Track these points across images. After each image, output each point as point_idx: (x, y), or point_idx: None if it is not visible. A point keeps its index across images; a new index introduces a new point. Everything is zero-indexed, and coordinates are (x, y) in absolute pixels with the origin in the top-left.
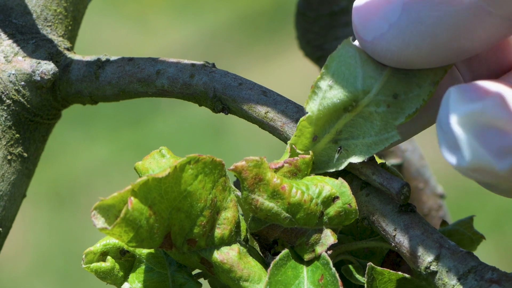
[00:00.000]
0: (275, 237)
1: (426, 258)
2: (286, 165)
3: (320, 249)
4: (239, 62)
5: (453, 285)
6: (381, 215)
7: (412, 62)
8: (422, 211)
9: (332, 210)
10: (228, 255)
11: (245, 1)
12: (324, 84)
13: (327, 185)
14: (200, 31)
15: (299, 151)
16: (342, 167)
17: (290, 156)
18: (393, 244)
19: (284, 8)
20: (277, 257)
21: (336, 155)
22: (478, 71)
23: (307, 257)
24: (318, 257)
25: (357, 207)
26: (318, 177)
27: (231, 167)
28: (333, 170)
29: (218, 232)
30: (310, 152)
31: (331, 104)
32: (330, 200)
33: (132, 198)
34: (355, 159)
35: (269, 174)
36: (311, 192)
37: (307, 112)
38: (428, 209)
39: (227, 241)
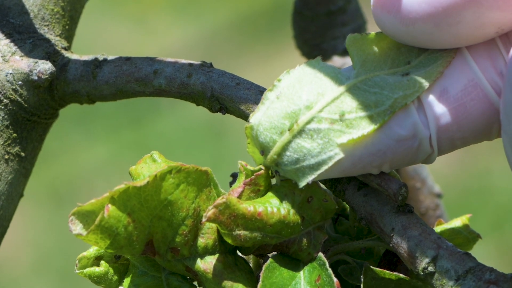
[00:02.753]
0: (268, 252)
1: (424, 259)
2: (246, 187)
3: (314, 251)
4: (239, 62)
5: (451, 286)
6: (379, 216)
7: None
8: (419, 210)
9: (310, 211)
10: (211, 264)
11: (245, 1)
12: (273, 95)
13: (296, 190)
14: (200, 31)
15: (252, 168)
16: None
17: (246, 176)
18: (390, 244)
19: (284, 8)
20: (268, 260)
21: (277, 178)
22: None
23: (305, 260)
24: (314, 258)
25: (333, 199)
26: (285, 184)
27: (204, 219)
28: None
29: (202, 241)
30: (262, 167)
31: (274, 115)
32: (305, 202)
33: (110, 205)
34: (300, 183)
35: (241, 208)
36: (285, 204)
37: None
38: (425, 208)
39: (211, 250)
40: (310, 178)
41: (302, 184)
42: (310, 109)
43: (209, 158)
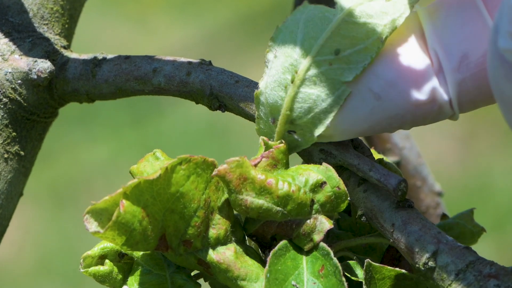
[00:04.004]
0: (271, 233)
1: (424, 254)
2: (263, 159)
3: (317, 237)
4: (239, 62)
5: (452, 281)
6: (379, 211)
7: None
8: (420, 209)
9: (322, 196)
10: (224, 255)
11: (245, 1)
12: (271, 55)
13: (312, 173)
14: (200, 31)
15: (272, 142)
16: (311, 142)
17: (265, 149)
18: (391, 240)
19: (284, 8)
20: (276, 247)
21: (295, 137)
22: None
23: (306, 247)
24: (316, 247)
25: (346, 189)
26: (303, 166)
27: (214, 173)
28: (305, 147)
29: (213, 232)
30: (282, 141)
31: (276, 73)
32: (318, 186)
33: (124, 201)
34: (318, 130)
35: (252, 172)
36: (298, 182)
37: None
38: (426, 207)
39: (223, 241)
40: (327, 121)
41: (321, 130)
42: (306, 56)
43: (210, 157)
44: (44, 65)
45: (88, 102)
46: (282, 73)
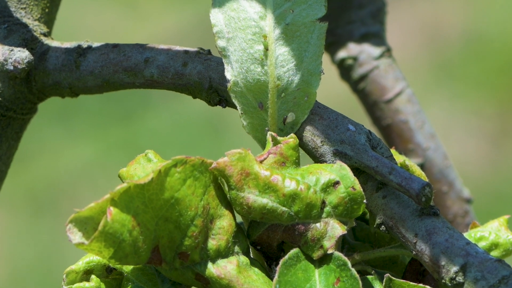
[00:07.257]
0: (277, 240)
1: (451, 268)
2: (270, 155)
3: (328, 244)
4: None
5: None
6: (400, 220)
7: None
8: (446, 217)
9: (334, 197)
10: (225, 269)
11: None
12: (223, 41)
13: (324, 171)
14: (197, 16)
15: (281, 138)
16: (309, 108)
17: (273, 145)
18: (414, 252)
19: None
20: (286, 256)
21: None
22: None
23: (315, 255)
24: (330, 257)
25: (362, 190)
26: (315, 165)
27: (213, 165)
28: (304, 118)
29: (213, 243)
30: (293, 135)
31: (242, 54)
32: (330, 185)
33: (112, 208)
34: (314, 85)
35: (256, 167)
36: (307, 180)
37: (228, 80)
38: (453, 215)
39: (224, 253)
40: (319, 69)
41: (317, 82)
42: (265, 17)
43: (207, 158)
44: (21, 55)
45: (71, 96)
46: (249, 47)
